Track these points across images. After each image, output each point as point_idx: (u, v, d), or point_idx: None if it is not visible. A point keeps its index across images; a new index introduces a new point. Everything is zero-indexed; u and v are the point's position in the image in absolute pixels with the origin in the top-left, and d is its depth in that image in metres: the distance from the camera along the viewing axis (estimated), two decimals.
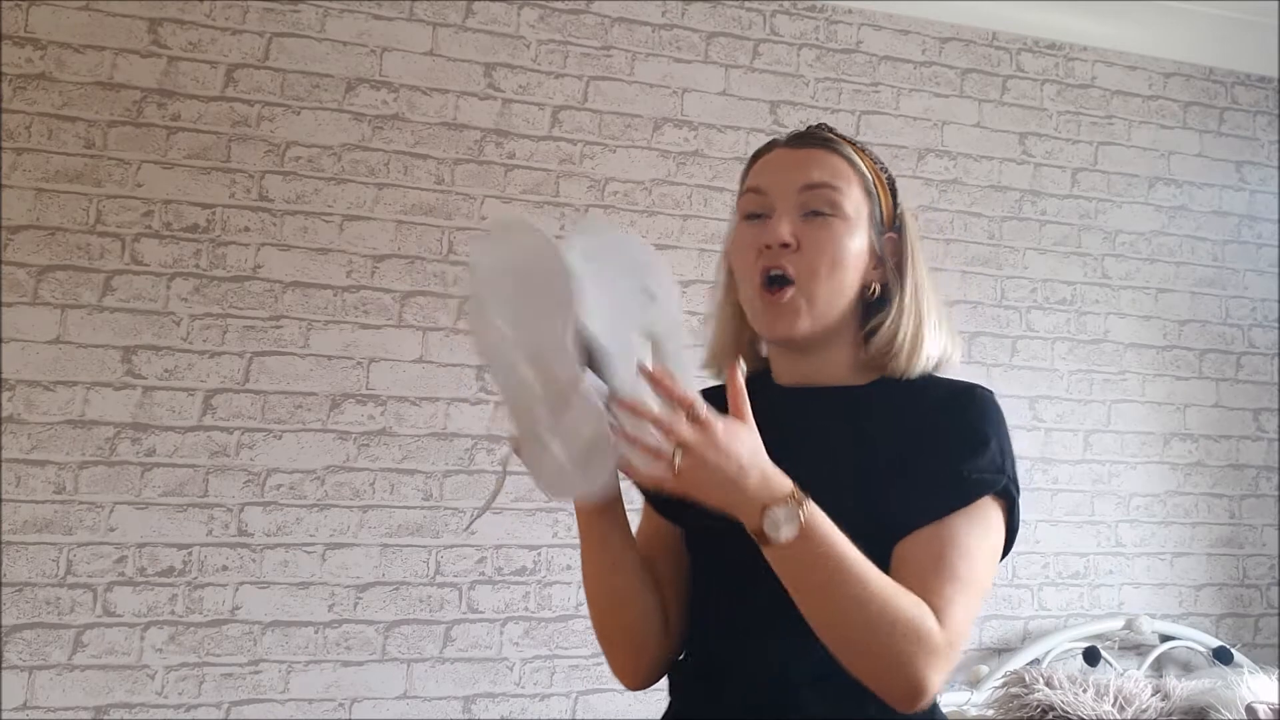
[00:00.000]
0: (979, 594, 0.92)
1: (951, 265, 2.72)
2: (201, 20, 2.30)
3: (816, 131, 1.05)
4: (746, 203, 1.02)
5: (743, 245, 1.01)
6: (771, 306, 0.98)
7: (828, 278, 0.98)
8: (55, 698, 2.04)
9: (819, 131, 1.05)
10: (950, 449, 0.95)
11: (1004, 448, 0.98)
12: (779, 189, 1.00)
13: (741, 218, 1.03)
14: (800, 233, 0.98)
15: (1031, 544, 2.67)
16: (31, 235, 2.15)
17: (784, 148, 1.04)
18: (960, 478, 0.94)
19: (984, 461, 0.96)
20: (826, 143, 1.03)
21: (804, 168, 1.00)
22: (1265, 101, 3.06)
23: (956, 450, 0.95)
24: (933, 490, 0.94)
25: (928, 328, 1.03)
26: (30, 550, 2.07)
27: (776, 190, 1.00)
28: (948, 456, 0.95)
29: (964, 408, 0.99)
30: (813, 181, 0.99)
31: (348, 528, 2.24)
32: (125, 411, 2.15)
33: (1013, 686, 2.16)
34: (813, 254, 0.97)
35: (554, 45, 2.52)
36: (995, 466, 0.96)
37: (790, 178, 1.00)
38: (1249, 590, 2.83)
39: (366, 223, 2.34)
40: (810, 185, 0.99)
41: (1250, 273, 2.96)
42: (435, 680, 2.24)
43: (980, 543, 0.94)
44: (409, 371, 2.33)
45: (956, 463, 0.95)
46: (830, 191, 0.99)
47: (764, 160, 1.05)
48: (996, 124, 2.82)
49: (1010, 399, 2.71)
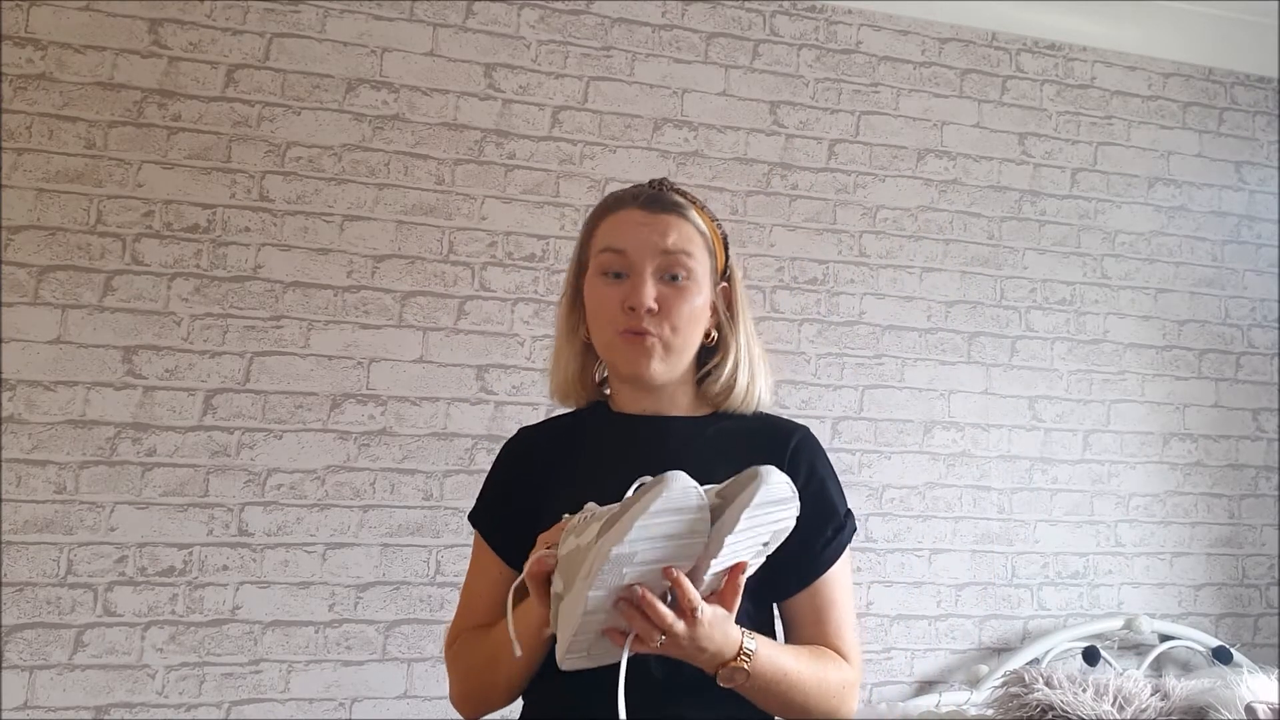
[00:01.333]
0: (855, 616, 1.12)
1: (951, 265, 2.73)
2: (202, 20, 2.30)
3: (665, 196, 1.14)
4: (608, 261, 1.11)
5: (605, 300, 1.12)
6: (631, 346, 1.10)
7: (683, 335, 1.11)
8: (56, 697, 2.04)
9: (667, 195, 1.15)
10: (814, 508, 1.09)
11: (839, 483, 1.15)
12: (639, 253, 1.10)
13: (599, 273, 1.12)
14: (660, 297, 1.09)
15: (1031, 544, 2.68)
16: (32, 235, 2.15)
17: (639, 209, 1.13)
18: (830, 535, 1.10)
19: (840, 507, 1.12)
20: (677, 208, 1.13)
21: (662, 234, 1.11)
22: (1265, 102, 3.06)
23: (818, 506, 1.10)
24: (811, 550, 1.08)
25: (759, 370, 1.18)
26: (31, 550, 2.07)
27: (637, 254, 1.10)
28: (813, 513, 1.07)
29: (806, 460, 1.12)
30: (669, 249, 1.10)
31: (348, 528, 2.25)
32: (126, 411, 2.16)
33: (1012, 686, 2.16)
34: (671, 316, 1.09)
35: (554, 45, 2.52)
36: (845, 508, 1.13)
37: (650, 242, 1.10)
38: (1248, 590, 2.83)
39: (367, 223, 2.35)
40: (667, 251, 1.10)
41: (1250, 273, 2.97)
42: (436, 680, 2.24)
43: (848, 577, 1.12)
44: (409, 371, 2.33)
45: (823, 520, 1.10)
46: (684, 257, 1.11)
47: (619, 220, 1.13)
48: (996, 124, 2.82)
49: (1010, 399, 2.72)
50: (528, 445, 1.21)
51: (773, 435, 1.15)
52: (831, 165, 2.68)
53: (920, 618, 2.58)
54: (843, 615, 1.09)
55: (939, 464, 2.64)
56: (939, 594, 2.60)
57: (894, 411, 2.63)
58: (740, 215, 2.57)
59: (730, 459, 1.08)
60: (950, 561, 2.62)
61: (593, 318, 1.14)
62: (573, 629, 0.90)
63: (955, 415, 2.67)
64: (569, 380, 1.20)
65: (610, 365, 1.16)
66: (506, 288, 2.41)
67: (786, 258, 2.61)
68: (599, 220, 1.16)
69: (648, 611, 0.89)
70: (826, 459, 1.16)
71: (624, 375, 1.14)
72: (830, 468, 1.16)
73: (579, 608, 0.88)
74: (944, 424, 2.66)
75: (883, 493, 2.60)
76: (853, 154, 2.70)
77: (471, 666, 1.12)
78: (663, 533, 0.87)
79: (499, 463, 1.22)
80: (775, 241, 2.60)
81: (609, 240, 1.12)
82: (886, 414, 2.63)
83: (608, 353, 1.14)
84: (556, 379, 1.22)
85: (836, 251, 2.65)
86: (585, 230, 1.18)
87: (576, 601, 0.89)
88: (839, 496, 1.14)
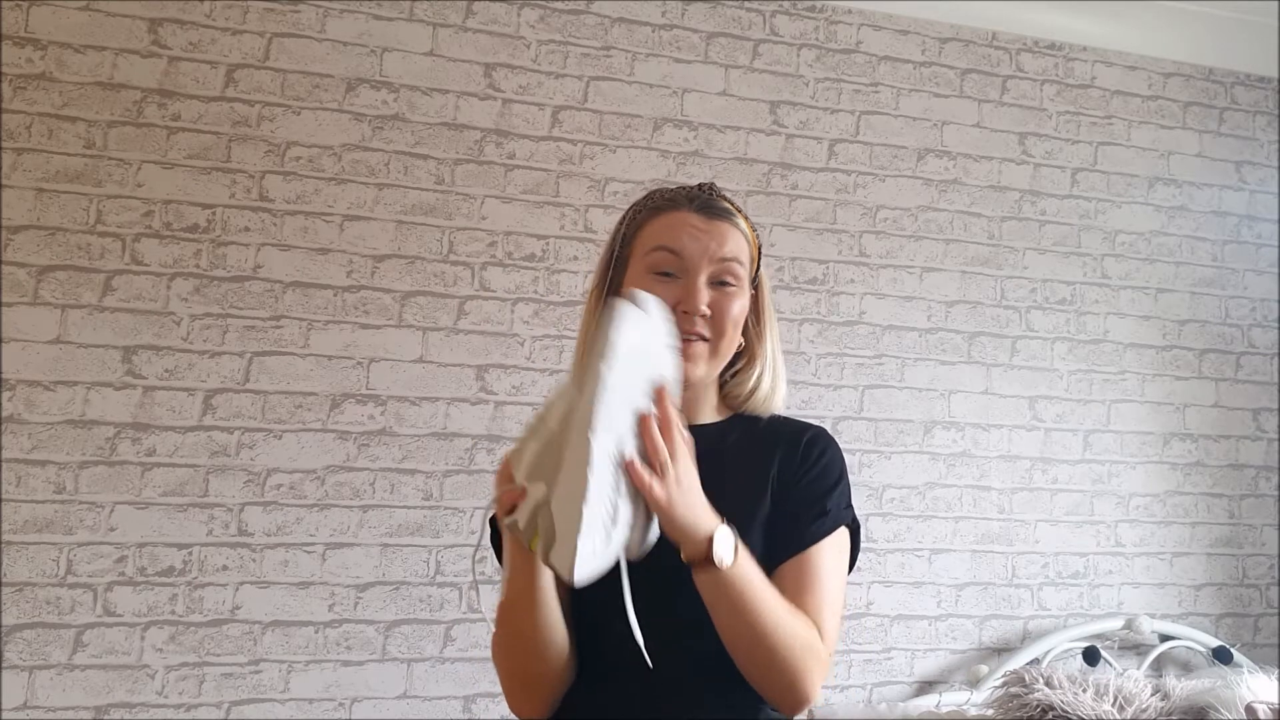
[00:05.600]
0: (840, 611, 1.11)
1: (951, 265, 2.73)
2: (202, 20, 2.30)
3: (718, 203, 1.17)
4: (660, 259, 1.13)
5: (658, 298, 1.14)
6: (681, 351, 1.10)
7: (729, 339, 1.14)
8: (55, 697, 2.04)
9: (719, 203, 1.17)
10: (812, 486, 1.12)
11: (848, 484, 1.16)
12: (695, 258, 1.12)
13: (649, 271, 1.14)
14: (711, 302, 1.12)
15: (1031, 544, 2.68)
16: (32, 235, 2.15)
17: (694, 213, 1.15)
18: (824, 511, 1.11)
19: (839, 497, 1.13)
20: (729, 216, 1.16)
21: (719, 242, 1.13)
22: (1265, 102, 3.06)
23: (818, 487, 1.12)
24: (802, 523, 1.09)
25: (782, 377, 1.21)
26: (30, 550, 2.07)
27: (693, 259, 1.12)
28: (811, 493, 1.12)
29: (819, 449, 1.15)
30: (725, 256, 1.13)
31: (348, 528, 2.24)
32: (125, 411, 2.16)
33: (1012, 686, 2.15)
34: (722, 320, 1.13)
35: (554, 45, 2.52)
36: (846, 502, 1.14)
37: (706, 249, 1.13)
38: (1248, 590, 2.83)
39: (366, 223, 2.35)
40: (723, 259, 1.13)
41: (1250, 273, 2.96)
42: (435, 680, 2.24)
43: (838, 566, 1.11)
44: (409, 371, 2.33)
45: (820, 498, 1.12)
46: (735, 265, 1.14)
47: (674, 221, 1.15)
48: (996, 124, 2.82)
49: (1010, 399, 2.72)
50: None
51: (789, 434, 1.17)
52: (831, 165, 2.68)
53: (920, 618, 2.57)
54: (824, 596, 1.07)
55: (939, 464, 2.64)
56: (939, 594, 2.60)
57: (894, 411, 2.63)
58: None
59: (749, 464, 1.11)
60: (950, 561, 2.61)
61: None
62: (575, 513, 0.88)
63: (955, 415, 2.67)
64: None
65: None
66: (506, 288, 2.41)
67: (786, 258, 2.61)
68: (649, 218, 1.17)
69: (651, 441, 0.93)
70: (840, 459, 1.17)
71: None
72: (840, 466, 1.16)
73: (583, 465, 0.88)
74: (944, 424, 2.66)
75: (883, 493, 2.60)
76: (853, 154, 2.70)
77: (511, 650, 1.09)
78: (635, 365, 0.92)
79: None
80: (775, 241, 2.60)
81: (663, 240, 1.14)
82: (886, 414, 2.62)
83: None
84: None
85: (836, 251, 2.65)
86: (629, 225, 1.18)
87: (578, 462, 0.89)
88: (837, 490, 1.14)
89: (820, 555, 1.10)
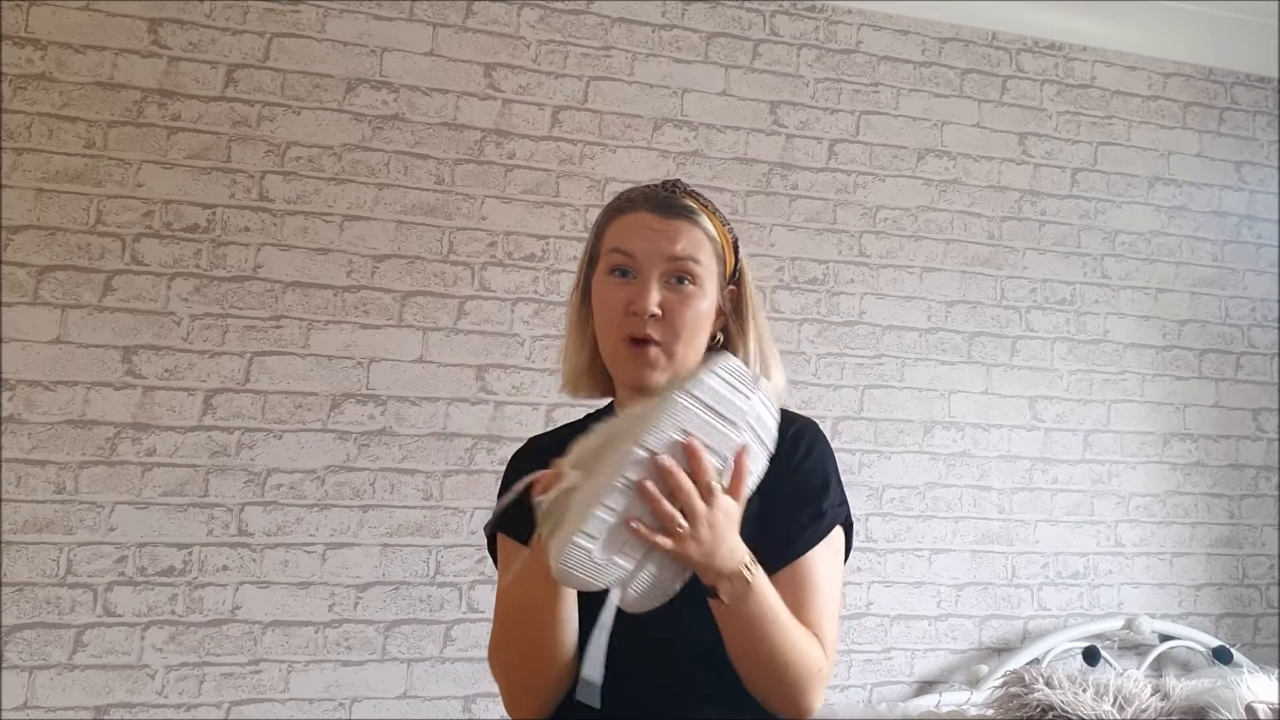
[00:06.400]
0: (838, 614, 1.10)
1: (951, 265, 2.73)
2: (202, 20, 2.30)
3: (677, 200, 1.15)
4: (616, 260, 1.12)
5: (610, 299, 1.13)
6: (634, 357, 1.10)
7: (686, 340, 1.11)
8: (55, 698, 2.04)
9: (678, 200, 1.15)
10: (803, 485, 1.11)
11: (839, 477, 1.15)
12: (647, 257, 1.11)
13: (607, 271, 1.14)
14: (665, 302, 1.10)
15: (1031, 544, 2.68)
16: (32, 235, 2.15)
17: (649, 213, 1.14)
18: (819, 514, 1.10)
19: (832, 496, 1.12)
20: (688, 213, 1.14)
21: (671, 240, 1.11)
22: (1265, 102, 3.06)
23: (809, 487, 1.11)
24: (796, 527, 1.09)
25: (771, 371, 1.17)
26: (30, 550, 2.07)
27: (645, 259, 1.11)
28: (803, 493, 1.11)
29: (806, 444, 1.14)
30: (677, 254, 1.11)
31: (348, 528, 2.24)
32: (125, 411, 2.16)
33: (1012, 686, 2.15)
34: (675, 321, 1.10)
35: (554, 45, 2.52)
36: (839, 499, 1.13)
37: (658, 248, 1.11)
38: (1248, 590, 2.83)
39: (366, 223, 2.34)
40: (675, 258, 1.11)
41: (1250, 273, 2.96)
42: (435, 680, 2.24)
43: (834, 569, 1.11)
44: (409, 371, 2.33)
45: (813, 499, 1.11)
46: (691, 264, 1.11)
47: (630, 222, 1.14)
48: (996, 124, 2.82)
49: (1010, 399, 2.72)
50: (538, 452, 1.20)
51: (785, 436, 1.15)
52: (831, 165, 2.68)
53: (920, 618, 2.57)
54: (824, 605, 1.07)
55: (939, 464, 2.64)
56: (939, 594, 2.60)
57: (894, 411, 2.63)
58: (740, 215, 2.57)
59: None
60: (950, 561, 2.61)
61: (599, 316, 1.15)
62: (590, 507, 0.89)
63: (955, 415, 2.67)
64: (579, 371, 1.21)
65: (613, 372, 1.17)
66: (506, 288, 2.41)
67: (786, 258, 2.61)
68: (610, 219, 1.17)
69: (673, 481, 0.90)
70: (828, 452, 1.15)
71: (626, 383, 1.15)
72: (829, 460, 1.15)
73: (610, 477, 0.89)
74: (944, 424, 2.66)
75: (883, 493, 2.60)
76: (853, 154, 2.70)
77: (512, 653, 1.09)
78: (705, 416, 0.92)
79: (510, 471, 1.22)
80: (775, 241, 2.60)
81: (618, 241, 1.13)
82: (886, 414, 2.62)
83: (611, 361, 1.14)
84: (567, 370, 1.23)
85: (836, 251, 2.65)
86: (596, 227, 1.19)
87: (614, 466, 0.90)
88: (829, 488, 1.13)
89: (817, 562, 1.09)
